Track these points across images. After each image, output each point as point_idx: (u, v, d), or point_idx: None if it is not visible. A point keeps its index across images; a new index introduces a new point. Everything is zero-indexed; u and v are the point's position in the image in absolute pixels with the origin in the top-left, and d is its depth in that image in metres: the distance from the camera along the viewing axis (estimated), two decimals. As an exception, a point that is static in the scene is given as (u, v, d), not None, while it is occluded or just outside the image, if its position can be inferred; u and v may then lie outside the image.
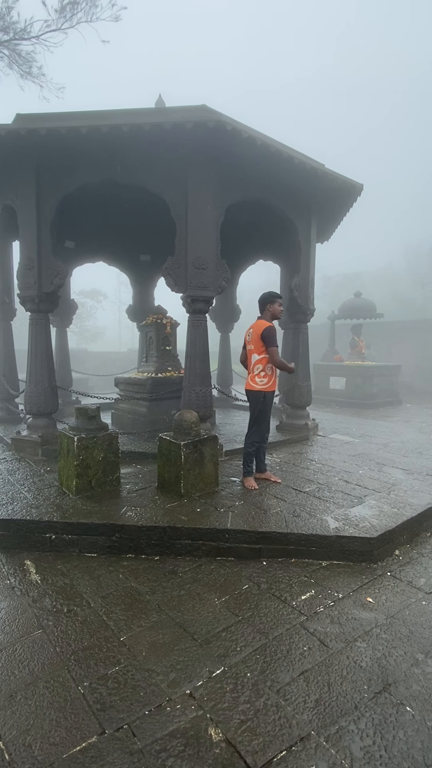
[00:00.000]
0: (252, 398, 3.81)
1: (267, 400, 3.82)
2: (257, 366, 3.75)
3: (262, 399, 3.78)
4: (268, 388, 3.79)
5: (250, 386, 3.79)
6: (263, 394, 3.77)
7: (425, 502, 3.58)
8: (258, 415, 3.83)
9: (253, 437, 3.86)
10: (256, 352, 3.74)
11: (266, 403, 3.83)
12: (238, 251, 7.49)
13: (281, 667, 1.98)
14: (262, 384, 3.76)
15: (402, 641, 2.16)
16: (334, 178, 5.10)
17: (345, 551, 2.94)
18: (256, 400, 3.79)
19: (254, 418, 3.85)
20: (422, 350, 15.55)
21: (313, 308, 6.00)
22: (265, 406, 3.83)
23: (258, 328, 3.73)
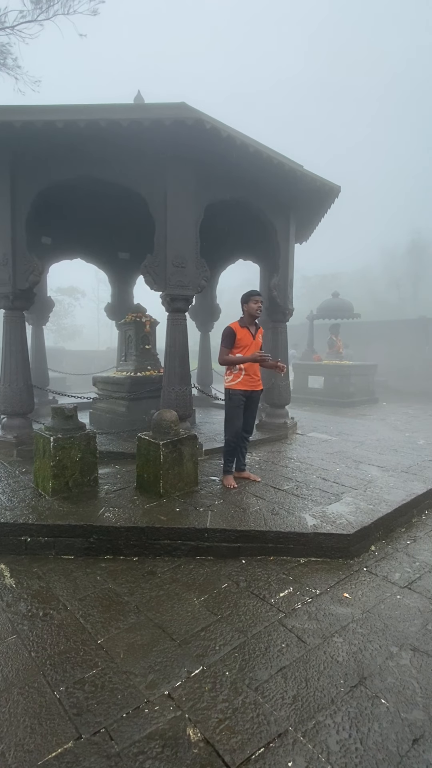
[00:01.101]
0: (225, 396, 3.93)
1: (233, 397, 3.82)
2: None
3: (228, 396, 3.87)
4: (234, 386, 3.81)
5: (224, 384, 3.93)
6: (228, 392, 3.85)
7: (400, 499, 3.66)
8: (229, 411, 3.88)
9: (226, 434, 3.91)
10: None
11: (232, 401, 3.83)
12: (217, 250, 7.49)
13: (259, 664, 1.99)
14: (228, 382, 3.87)
15: (377, 635, 2.21)
16: (313, 179, 5.16)
17: (322, 548, 2.98)
18: (227, 398, 3.89)
19: (226, 415, 3.93)
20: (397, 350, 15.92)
21: (291, 308, 6.05)
22: (231, 403, 3.85)
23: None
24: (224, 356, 3.78)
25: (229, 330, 3.78)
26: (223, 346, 3.78)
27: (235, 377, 3.81)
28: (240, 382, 3.79)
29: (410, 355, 15.57)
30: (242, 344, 3.79)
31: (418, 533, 3.44)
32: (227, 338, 3.76)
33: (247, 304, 3.85)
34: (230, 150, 4.28)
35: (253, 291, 3.94)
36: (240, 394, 3.81)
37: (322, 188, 5.36)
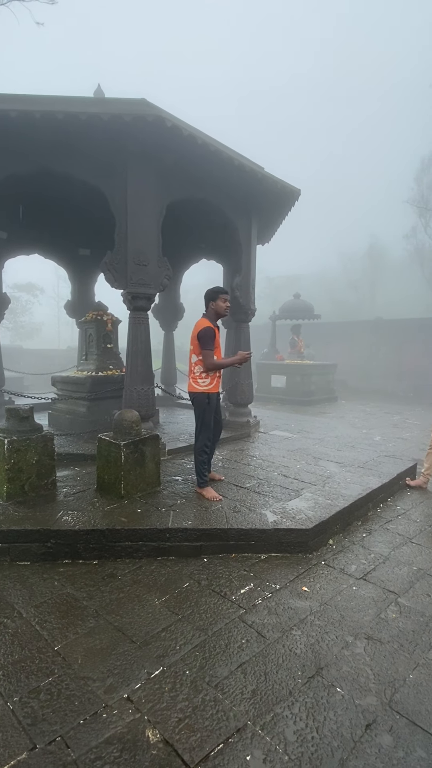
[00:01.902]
0: (196, 401, 3.57)
1: (212, 401, 3.58)
2: (197, 367, 3.53)
3: (206, 401, 3.54)
4: (212, 390, 3.56)
5: (193, 388, 3.56)
6: (207, 396, 3.54)
7: (356, 493, 3.79)
8: (204, 417, 3.59)
9: (203, 441, 3.61)
10: (195, 353, 3.55)
11: (211, 405, 3.58)
12: (181, 249, 7.47)
13: (220, 661, 2.01)
14: (205, 385, 3.53)
15: (334, 626, 2.28)
16: (274, 181, 5.25)
17: (282, 543, 3.04)
18: (200, 403, 3.55)
19: (201, 421, 3.59)
20: (355, 350, 16.49)
21: (254, 308, 6.13)
22: (210, 408, 3.58)
23: (196, 328, 3.54)
24: (213, 360, 3.45)
25: (210, 330, 3.46)
26: (209, 349, 3.42)
27: (212, 380, 3.55)
28: (216, 384, 3.60)
29: (367, 355, 16.17)
30: (217, 345, 3.55)
31: (374, 526, 3.58)
32: (210, 339, 3.43)
33: (215, 302, 3.60)
34: (192, 149, 4.28)
35: (221, 288, 3.68)
36: (216, 397, 3.63)
37: (282, 191, 5.46)
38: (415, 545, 3.24)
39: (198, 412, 3.61)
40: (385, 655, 2.06)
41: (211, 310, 3.63)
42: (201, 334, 3.45)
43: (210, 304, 3.63)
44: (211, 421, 3.62)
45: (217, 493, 3.61)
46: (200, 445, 3.62)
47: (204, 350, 3.45)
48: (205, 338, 3.44)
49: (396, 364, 15.43)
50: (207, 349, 3.44)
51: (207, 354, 3.45)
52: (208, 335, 3.44)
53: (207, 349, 3.44)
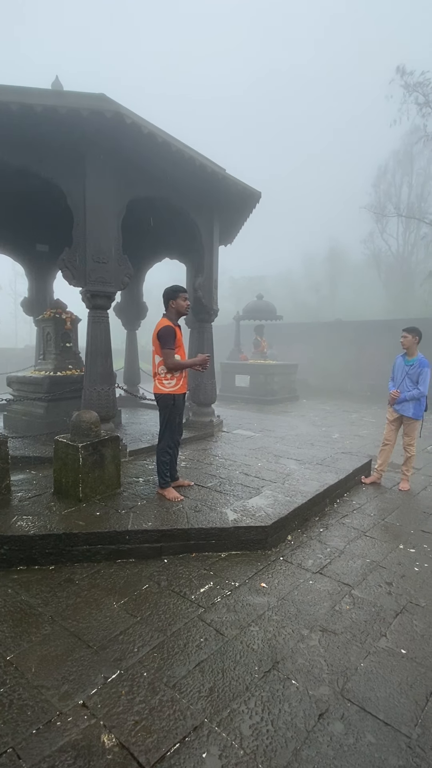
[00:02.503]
0: (161, 402, 3.52)
1: (177, 403, 3.54)
2: (161, 367, 3.47)
3: (172, 402, 3.50)
4: (178, 391, 3.51)
5: (158, 389, 3.49)
6: (173, 398, 3.49)
7: (314, 489, 3.90)
8: (169, 419, 3.54)
9: (166, 443, 3.57)
10: (158, 353, 3.50)
11: (177, 406, 3.54)
12: (143, 248, 7.39)
13: (178, 661, 2.01)
14: (171, 386, 3.48)
15: (290, 620, 2.33)
16: (235, 183, 5.29)
17: (242, 541, 3.08)
18: (165, 404, 3.50)
19: (165, 423, 3.55)
20: (316, 350, 16.92)
21: (216, 308, 6.16)
22: (176, 410, 3.54)
23: (156, 328, 3.50)
24: (174, 360, 3.39)
25: (170, 329, 3.40)
26: (169, 348, 3.38)
27: (178, 381, 3.50)
28: (182, 385, 3.56)
29: (327, 355, 16.63)
30: (178, 344, 3.49)
31: (330, 521, 3.69)
32: (170, 338, 3.38)
33: (174, 300, 3.55)
34: (152, 147, 4.25)
35: (180, 287, 3.64)
36: (182, 398, 3.60)
37: (243, 192, 5.52)
38: (369, 538, 3.37)
39: (163, 414, 3.56)
40: (338, 645, 2.14)
41: (171, 309, 3.59)
42: (160, 334, 3.41)
43: (170, 303, 3.58)
44: (176, 423, 3.59)
45: (178, 494, 3.60)
46: (163, 446, 3.59)
47: (164, 350, 3.41)
48: (164, 337, 3.39)
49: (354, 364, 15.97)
50: (167, 349, 3.40)
51: (167, 353, 3.41)
52: (168, 334, 3.40)
53: (167, 348, 3.40)
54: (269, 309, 13.18)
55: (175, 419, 3.57)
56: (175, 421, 3.57)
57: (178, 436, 3.71)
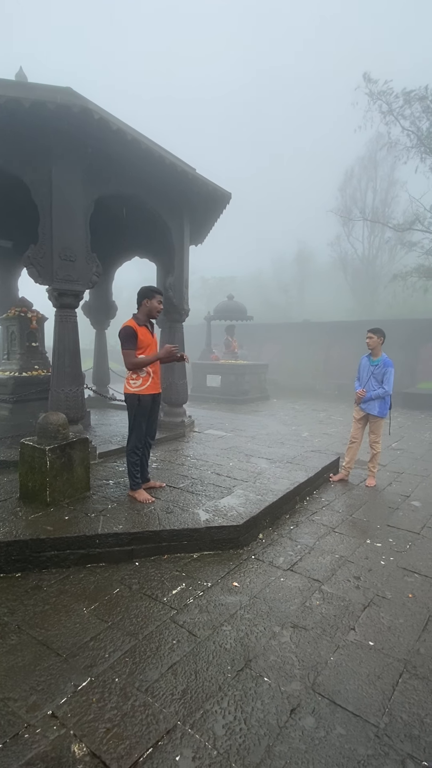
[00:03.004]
0: (127, 402, 3.52)
1: (143, 403, 3.49)
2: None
3: (137, 402, 3.48)
4: (144, 391, 3.47)
5: (126, 389, 3.51)
6: (137, 398, 3.47)
7: (285, 488, 3.95)
8: (134, 419, 3.53)
9: (134, 443, 3.55)
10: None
11: (142, 407, 3.50)
12: (113, 246, 7.26)
13: (150, 665, 1.99)
14: (136, 386, 3.46)
15: (262, 618, 2.36)
16: (205, 183, 5.29)
17: (215, 541, 3.08)
18: (131, 404, 3.50)
19: (132, 423, 3.54)
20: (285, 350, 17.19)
21: (187, 308, 6.14)
22: (141, 410, 3.51)
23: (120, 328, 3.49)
24: (133, 359, 3.39)
25: (129, 330, 3.39)
26: (127, 349, 3.39)
27: (144, 381, 3.47)
28: (149, 385, 3.52)
29: (296, 355, 16.93)
30: (144, 344, 3.46)
31: (300, 518, 3.75)
32: (129, 339, 3.38)
33: (150, 300, 3.51)
34: (122, 144, 4.18)
35: (155, 288, 3.59)
36: (149, 399, 3.56)
37: (214, 193, 5.52)
38: (338, 534, 3.46)
39: (130, 413, 3.56)
40: (309, 641, 2.18)
41: (143, 308, 3.55)
42: (120, 335, 3.42)
43: (144, 302, 3.54)
44: (143, 423, 3.55)
45: (149, 495, 3.57)
46: (131, 447, 3.56)
47: (123, 350, 3.42)
48: (123, 339, 3.40)
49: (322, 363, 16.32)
50: (126, 349, 3.41)
51: (126, 354, 3.42)
52: (127, 335, 3.39)
53: (126, 348, 3.41)
54: (240, 309, 13.27)
55: (140, 419, 3.54)
56: (142, 421, 3.54)
57: (150, 437, 3.69)
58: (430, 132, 12.44)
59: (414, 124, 12.72)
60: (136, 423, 3.54)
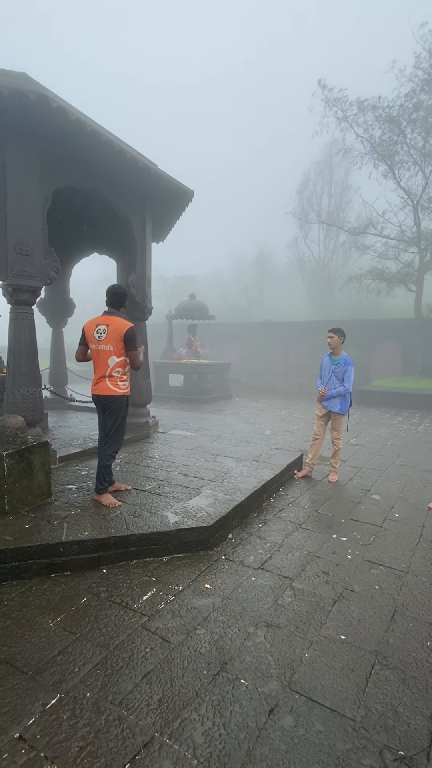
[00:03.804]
0: (115, 404, 3.41)
1: (128, 404, 3.61)
2: (117, 369, 3.37)
3: (125, 404, 3.49)
4: (129, 392, 3.54)
5: (113, 391, 3.37)
6: (126, 399, 3.49)
7: (252, 486, 3.97)
8: (121, 421, 3.51)
9: (113, 447, 3.48)
10: (116, 354, 3.36)
11: (128, 408, 3.60)
12: (71, 241, 7.01)
13: (123, 676, 1.91)
14: (125, 388, 3.45)
15: (236, 619, 2.34)
16: (167, 179, 5.21)
17: (184, 543, 3.03)
18: (120, 406, 3.44)
19: (117, 425, 3.45)
20: (247, 349, 17.37)
21: (150, 306, 6.03)
22: (125, 413, 3.54)
23: (119, 328, 3.35)
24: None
25: (135, 329, 3.45)
26: (136, 349, 3.42)
27: (130, 382, 3.54)
28: (130, 386, 3.57)
29: (258, 354, 17.15)
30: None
31: (268, 516, 3.78)
32: (138, 338, 3.46)
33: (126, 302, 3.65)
34: (81, 136, 4.03)
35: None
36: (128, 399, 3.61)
37: (176, 190, 5.46)
38: (305, 530, 3.51)
39: (115, 416, 3.46)
40: (283, 639, 2.18)
41: (124, 309, 3.62)
42: (129, 335, 3.37)
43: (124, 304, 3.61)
44: (124, 427, 3.56)
45: (115, 499, 3.45)
46: (110, 452, 3.48)
47: (133, 351, 3.41)
48: (133, 338, 3.38)
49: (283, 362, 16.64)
50: (135, 350, 3.42)
51: (136, 355, 3.45)
52: (135, 334, 3.41)
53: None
54: (202, 308, 13.25)
55: (124, 422, 3.54)
56: (125, 424, 3.55)
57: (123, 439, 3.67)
58: (383, 140, 12.97)
59: (367, 131, 13.21)
60: (122, 426, 3.52)
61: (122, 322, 3.41)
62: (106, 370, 3.39)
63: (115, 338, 3.36)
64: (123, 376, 3.43)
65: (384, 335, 14.36)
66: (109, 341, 3.37)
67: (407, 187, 13.49)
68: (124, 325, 3.38)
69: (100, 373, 3.41)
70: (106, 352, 3.38)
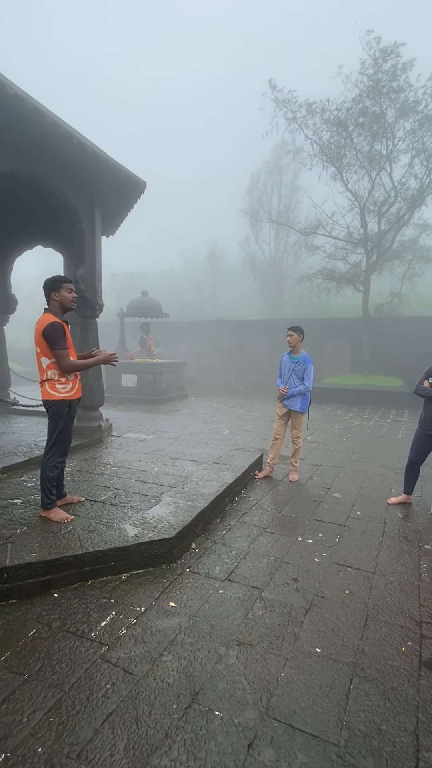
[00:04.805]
0: (53, 409, 3.02)
1: (72, 409, 3.12)
2: (52, 371, 2.99)
3: (67, 409, 3.05)
4: (74, 395, 3.09)
5: (50, 395, 2.99)
6: (68, 404, 3.05)
7: (215, 490, 3.81)
8: (62, 428, 3.06)
9: (56, 457, 3.09)
10: (44, 355, 2.99)
11: (72, 414, 3.12)
12: (11, 233, 6.48)
13: (82, 721, 1.68)
14: (65, 391, 3.02)
15: (205, 639, 2.16)
16: (117, 168, 4.92)
17: (145, 557, 2.81)
18: (59, 411, 3.02)
19: (57, 432, 3.05)
20: (201, 348, 17.24)
21: (101, 303, 5.71)
22: (70, 417, 3.11)
23: (39, 326, 2.94)
24: (69, 361, 2.97)
25: (58, 325, 2.94)
26: (61, 348, 2.93)
27: (73, 384, 3.08)
28: (77, 389, 3.13)
29: (212, 353, 17.07)
30: (68, 343, 3.05)
31: (231, 521, 3.64)
32: (60, 336, 2.92)
33: (57, 292, 3.05)
34: (22, 114, 3.67)
35: (63, 276, 3.15)
36: (76, 404, 3.17)
37: (127, 180, 5.18)
38: (270, 534, 3.40)
39: (55, 422, 3.05)
40: (256, 658, 2.04)
41: (54, 302, 3.09)
42: (47, 332, 2.90)
43: (52, 296, 3.08)
44: (70, 433, 3.15)
45: (66, 513, 3.14)
46: (53, 462, 3.08)
47: (56, 350, 2.93)
48: (52, 336, 2.91)
49: (236, 361, 16.68)
50: (59, 349, 2.94)
51: (61, 355, 2.94)
52: (56, 332, 2.92)
53: (59, 348, 2.93)
54: (155, 306, 12.93)
55: (68, 428, 3.12)
56: (69, 430, 3.13)
57: (68, 447, 3.25)
58: (331, 143, 13.29)
59: (316, 133, 13.48)
60: (62, 433, 3.09)
61: (43, 318, 2.99)
62: (42, 373, 3.03)
63: (38, 338, 2.98)
64: (61, 379, 3.03)
65: (333, 334, 14.78)
66: (36, 342, 3.00)
67: (354, 190, 13.94)
68: (42, 322, 2.96)
69: (40, 377, 3.05)
70: (38, 354, 3.02)
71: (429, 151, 12.49)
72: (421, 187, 12.91)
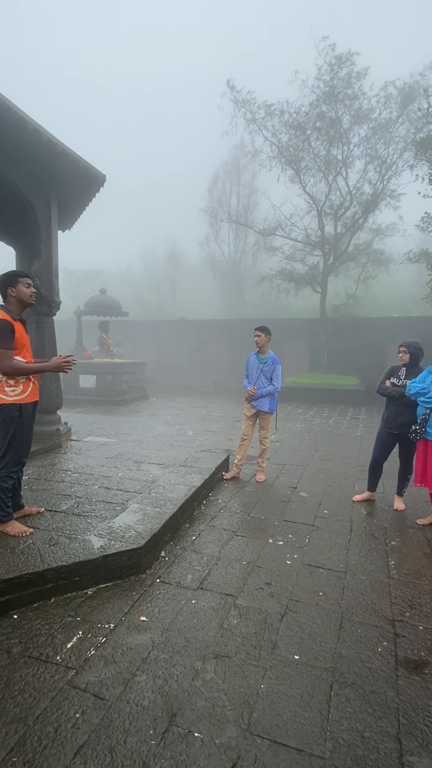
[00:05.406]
0: (2, 414, 2.77)
1: (25, 414, 2.86)
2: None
3: (17, 414, 2.80)
4: (26, 399, 2.84)
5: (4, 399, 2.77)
6: (19, 408, 2.81)
7: (183, 495, 3.71)
8: (14, 435, 2.82)
9: (10, 467, 2.83)
10: None
11: (24, 419, 2.86)
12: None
13: (50, 758, 1.53)
14: (15, 394, 2.79)
15: (180, 655, 2.06)
16: (75, 159, 4.69)
17: (113, 570, 2.67)
18: (9, 416, 2.78)
19: (8, 439, 2.80)
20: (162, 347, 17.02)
21: (58, 300, 5.44)
22: (23, 423, 2.85)
23: None
24: (11, 362, 2.69)
25: (6, 324, 2.69)
26: (3, 347, 2.67)
27: (25, 387, 2.83)
28: (31, 392, 2.87)
29: (173, 353, 16.89)
30: (20, 344, 2.81)
31: (201, 526, 3.55)
32: (5, 335, 2.68)
33: (14, 287, 2.83)
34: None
35: (18, 271, 2.96)
36: (31, 408, 2.91)
37: (85, 172, 4.94)
38: (241, 538, 3.35)
39: (6, 428, 2.79)
40: (235, 671, 1.96)
41: (11, 299, 2.85)
42: None
43: (9, 291, 2.85)
44: (23, 439, 2.89)
45: (24, 526, 2.92)
46: (5, 472, 2.83)
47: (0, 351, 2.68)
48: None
49: (198, 361, 16.60)
50: (1, 349, 2.68)
51: (3, 354, 2.68)
52: (2, 330, 2.68)
53: (1, 348, 2.68)
54: (114, 304, 12.58)
55: (21, 435, 2.86)
56: (22, 436, 2.87)
57: (24, 455, 3.01)
58: (290, 146, 13.50)
59: (275, 135, 13.65)
60: (14, 440, 2.83)
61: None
62: None
63: None
64: (10, 381, 2.78)
65: (292, 334, 15.05)
66: None
67: (312, 193, 14.25)
68: None
69: None
70: None
71: (382, 158, 12.99)
72: (374, 192, 13.41)
